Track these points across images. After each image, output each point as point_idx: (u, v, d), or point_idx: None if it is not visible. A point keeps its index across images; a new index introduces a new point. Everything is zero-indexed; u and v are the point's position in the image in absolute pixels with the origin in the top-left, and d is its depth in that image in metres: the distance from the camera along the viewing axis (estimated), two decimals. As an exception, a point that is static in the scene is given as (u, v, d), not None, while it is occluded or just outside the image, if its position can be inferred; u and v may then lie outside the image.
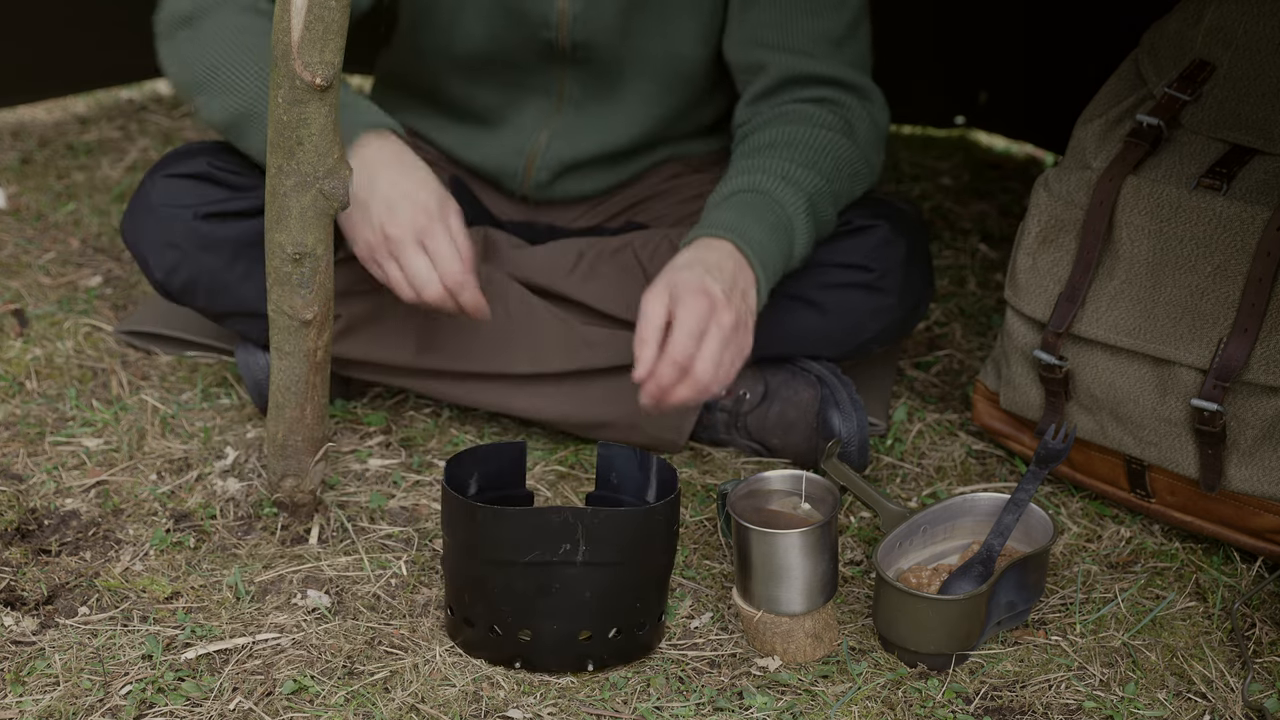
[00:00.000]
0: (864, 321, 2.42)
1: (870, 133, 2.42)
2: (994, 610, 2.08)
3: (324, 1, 1.92)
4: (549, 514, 1.97)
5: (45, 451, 2.43)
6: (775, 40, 2.42)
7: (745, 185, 2.31)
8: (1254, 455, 2.19)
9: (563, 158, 2.57)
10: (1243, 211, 2.17)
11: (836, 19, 2.42)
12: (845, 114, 2.40)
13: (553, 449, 2.48)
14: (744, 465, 2.48)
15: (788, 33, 2.42)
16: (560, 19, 2.42)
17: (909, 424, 2.58)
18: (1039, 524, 2.16)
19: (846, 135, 2.38)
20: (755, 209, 2.27)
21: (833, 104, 2.41)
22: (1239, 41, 2.28)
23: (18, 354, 2.65)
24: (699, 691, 2.02)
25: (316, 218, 2.05)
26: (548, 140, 2.56)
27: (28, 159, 3.36)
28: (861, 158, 2.40)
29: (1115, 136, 2.30)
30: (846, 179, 2.38)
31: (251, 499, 2.34)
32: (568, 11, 2.41)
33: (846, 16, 2.43)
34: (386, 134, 2.25)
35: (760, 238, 2.24)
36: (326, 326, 2.14)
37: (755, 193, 2.29)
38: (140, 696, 1.97)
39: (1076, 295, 2.27)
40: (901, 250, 2.41)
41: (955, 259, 3.09)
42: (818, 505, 2.12)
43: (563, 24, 2.42)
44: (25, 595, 2.14)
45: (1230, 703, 2.03)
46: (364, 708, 1.97)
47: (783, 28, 2.42)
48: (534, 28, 2.43)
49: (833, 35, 2.42)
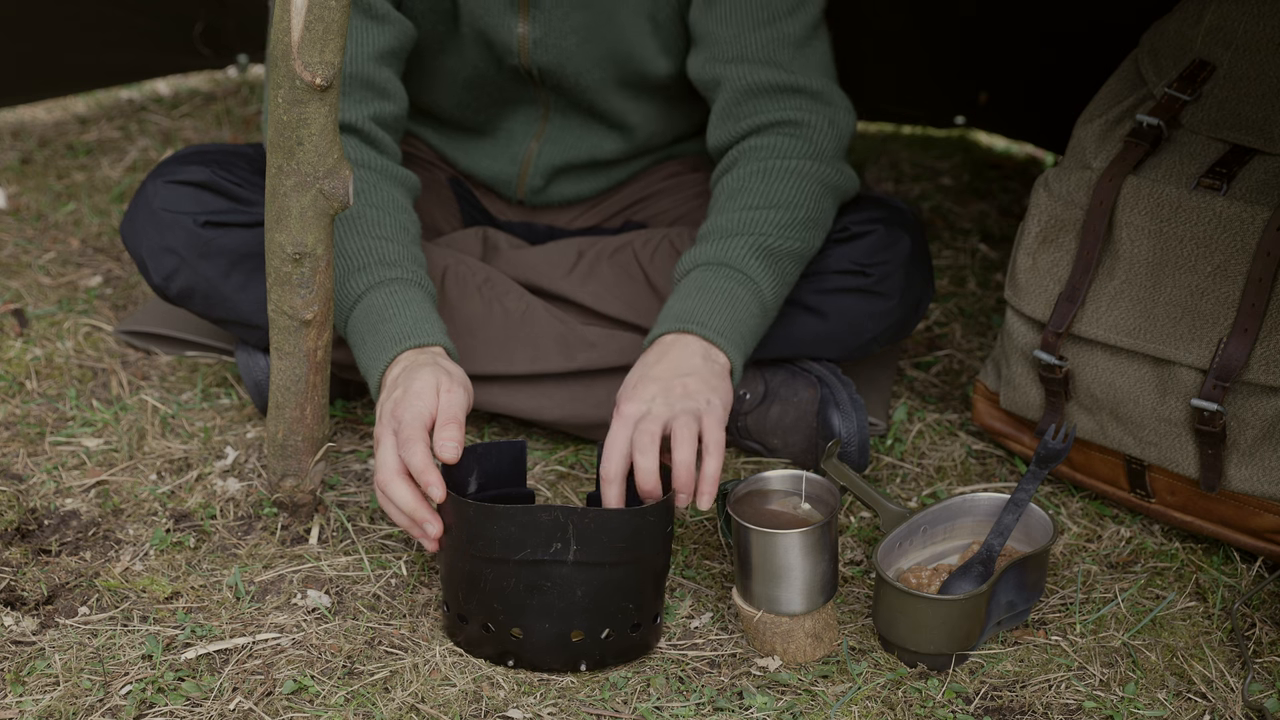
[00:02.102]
0: (865, 324, 2.42)
1: (834, 144, 2.38)
2: (994, 610, 2.09)
3: (324, 1, 1.92)
4: (539, 512, 1.97)
5: (45, 451, 2.43)
6: (731, 54, 2.39)
7: (707, 257, 2.27)
8: (1254, 455, 2.19)
9: (554, 163, 2.58)
10: (1243, 211, 2.17)
11: (791, 25, 2.38)
12: (808, 134, 2.37)
13: (553, 449, 2.48)
14: (744, 465, 2.48)
15: (743, 45, 2.38)
16: (521, 45, 2.43)
17: (909, 424, 2.58)
18: (1039, 524, 2.16)
19: (813, 159, 2.36)
20: (716, 285, 2.24)
21: (794, 125, 2.37)
22: (1239, 41, 2.28)
23: (18, 354, 2.65)
24: (699, 691, 2.02)
25: (316, 218, 2.05)
26: (539, 148, 2.57)
27: (28, 159, 3.36)
28: (833, 171, 2.38)
29: (1115, 136, 2.30)
30: (816, 199, 2.34)
31: (251, 499, 2.34)
32: (527, 37, 2.42)
33: (802, 21, 2.39)
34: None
35: (723, 319, 2.21)
36: (326, 326, 2.14)
37: (716, 266, 2.26)
38: (140, 696, 1.97)
39: (1076, 295, 2.27)
40: (901, 251, 2.41)
41: (955, 259, 3.09)
42: (818, 505, 2.12)
43: (523, 50, 2.43)
44: (25, 595, 2.14)
45: (1230, 703, 2.03)
46: (364, 708, 1.97)
47: (738, 41, 2.39)
48: (501, 53, 2.45)
49: (787, 42, 2.39)
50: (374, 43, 2.33)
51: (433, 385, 2.08)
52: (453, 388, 2.08)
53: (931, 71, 3.38)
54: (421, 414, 2.05)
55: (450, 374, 2.11)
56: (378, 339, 2.18)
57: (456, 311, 2.43)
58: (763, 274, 2.26)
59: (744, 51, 2.38)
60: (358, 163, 2.29)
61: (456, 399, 2.07)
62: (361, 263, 2.23)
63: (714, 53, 2.40)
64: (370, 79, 2.32)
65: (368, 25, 2.32)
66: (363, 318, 2.21)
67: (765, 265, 2.27)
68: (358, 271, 2.22)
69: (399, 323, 2.18)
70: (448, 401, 2.07)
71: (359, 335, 2.21)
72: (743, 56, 2.38)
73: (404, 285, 2.22)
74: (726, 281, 2.24)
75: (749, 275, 2.25)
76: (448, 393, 2.08)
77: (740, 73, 2.39)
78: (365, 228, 2.24)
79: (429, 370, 2.10)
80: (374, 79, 2.32)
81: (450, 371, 2.12)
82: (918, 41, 3.30)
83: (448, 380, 2.09)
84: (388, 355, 2.16)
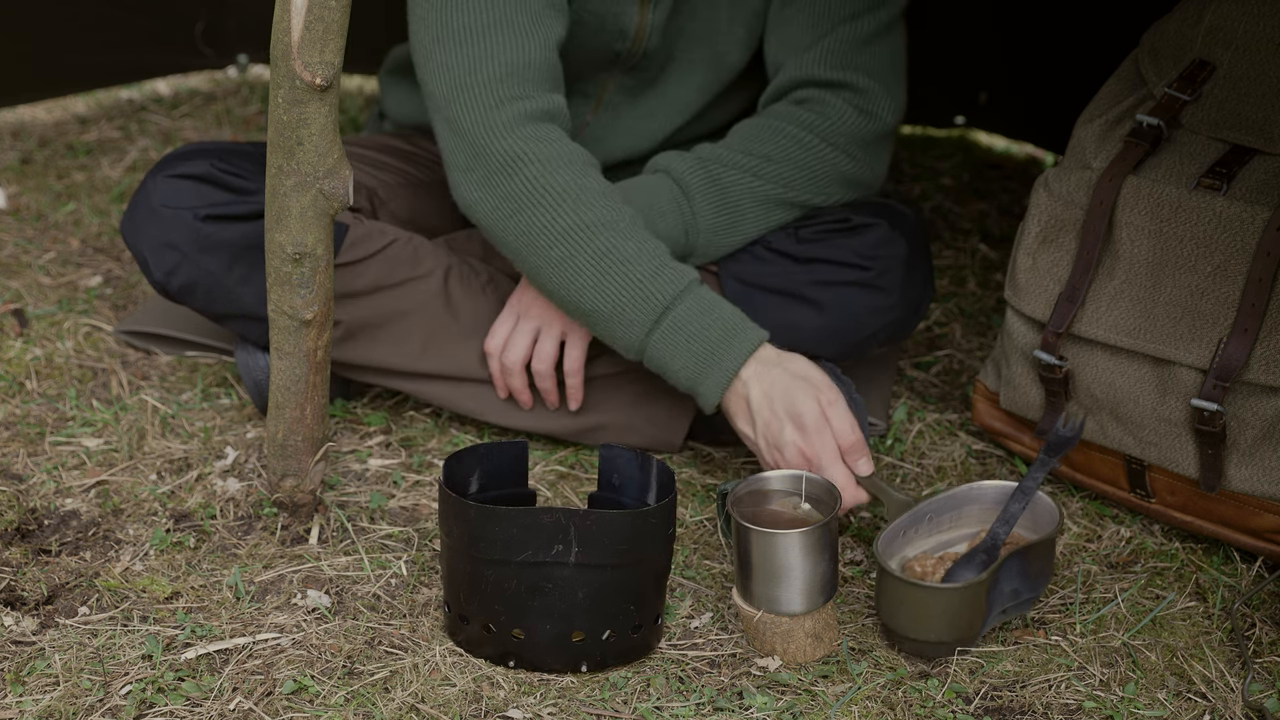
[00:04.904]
0: (863, 319, 2.42)
1: (853, 130, 2.41)
2: (997, 599, 2.08)
3: (324, 1, 1.92)
4: (540, 514, 1.97)
5: (45, 451, 2.43)
6: (802, 43, 2.43)
7: (654, 165, 2.40)
8: (1254, 455, 2.19)
9: None
10: (1243, 211, 2.17)
11: (862, 25, 2.42)
12: (826, 111, 2.40)
13: (553, 449, 2.49)
14: (744, 465, 2.48)
15: (811, 38, 2.42)
16: (638, 31, 2.41)
17: (909, 424, 2.58)
18: (1045, 512, 2.16)
19: (818, 135, 2.39)
20: (640, 184, 2.35)
21: (816, 103, 2.41)
22: (1239, 41, 2.28)
23: (18, 354, 2.65)
24: (699, 691, 2.02)
25: (316, 218, 2.05)
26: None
27: (28, 159, 3.36)
28: (842, 155, 2.40)
29: (1115, 136, 2.30)
30: (805, 168, 2.38)
31: (251, 499, 2.34)
32: (647, 24, 2.41)
33: (878, 19, 2.43)
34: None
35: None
36: (326, 326, 2.14)
37: (658, 173, 2.38)
38: (140, 696, 1.97)
39: (1076, 295, 2.27)
40: (901, 249, 2.40)
41: (955, 259, 3.09)
42: (818, 505, 2.12)
43: (640, 36, 2.42)
44: (25, 595, 2.14)
45: (1230, 703, 2.03)
46: (364, 708, 1.97)
47: (809, 32, 2.42)
48: (609, 39, 2.43)
49: (855, 39, 2.42)
50: (556, 34, 2.32)
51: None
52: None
53: (931, 71, 3.38)
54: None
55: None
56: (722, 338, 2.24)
57: (461, 311, 2.43)
58: (702, 194, 2.29)
59: (811, 42, 2.42)
60: (578, 158, 2.28)
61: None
62: (657, 264, 2.25)
63: (785, 40, 2.44)
64: (556, 74, 2.32)
65: (555, 17, 2.31)
66: (688, 319, 2.24)
67: (708, 187, 2.30)
68: (658, 273, 2.24)
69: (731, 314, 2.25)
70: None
71: (686, 338, 2.24)
72: (807, 47, 2.42)
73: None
74: (657, 186, 2.28)
75: (685, 190, 2.27)
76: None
77: (799, 62, 2.42)
78: (630, 229, 2.26)
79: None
80: (558, 73, 2.32)
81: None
82: (917, 41, 3.30)
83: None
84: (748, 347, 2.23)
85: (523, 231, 2.25)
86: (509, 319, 2.39)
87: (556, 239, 2.24)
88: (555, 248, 2.24)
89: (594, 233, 2.23)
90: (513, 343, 2.38)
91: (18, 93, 3.42)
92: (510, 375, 2.39)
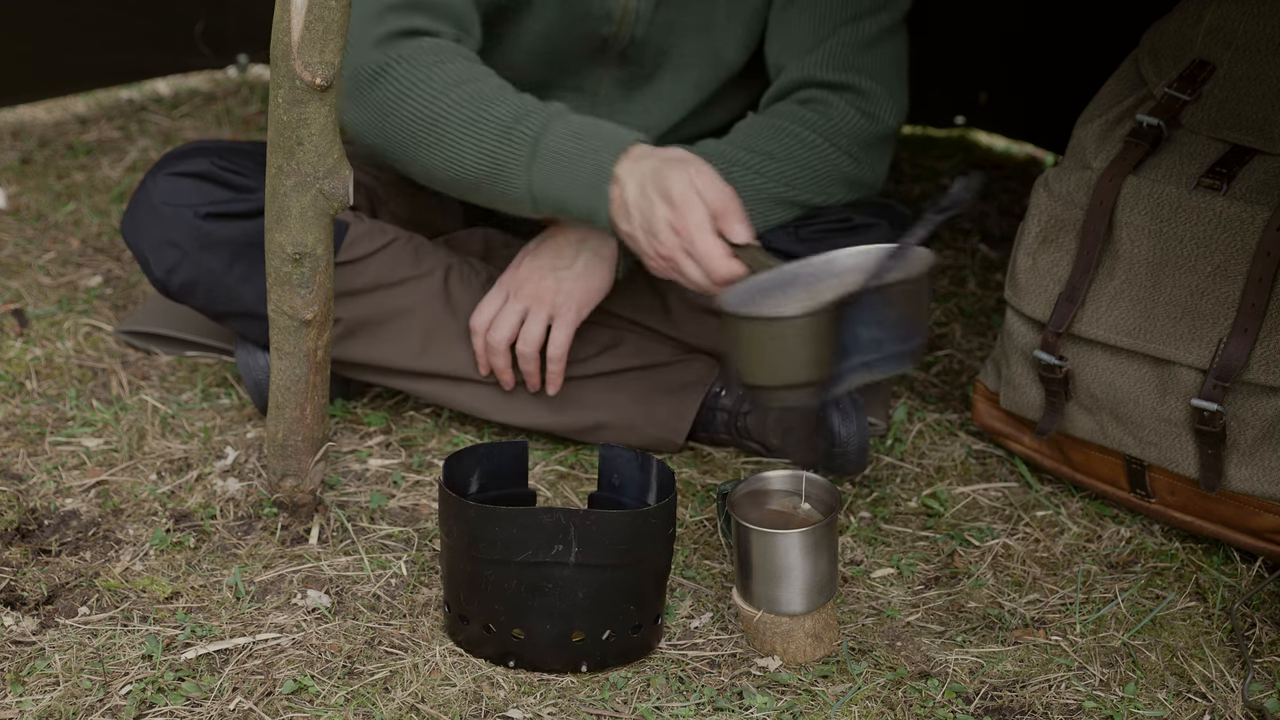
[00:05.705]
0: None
1: (855, 130, 2.41)
2: (854, 344, 1.93)
3: (324, 1, 1.92)
4: (540, 514, 1.97)
5: (45, 451, 2.43)
6: (804, 45, 2.43)
7: None
8: (1254, 455, 2.19)
9: None
10: (1243, 211, 2.17)
11: (865, 26, 2.42)
12: (828, 111, 2.40)
13: (553, 449, 2.48)
14: (744, 465, 2.48)
15: (813, 39, 2.42)
16: (622, 15, 2.41)
17: (909, 424, 2.58)
18: (916, 259, 1.98)
19: (819, 133, 2.39)
20: None
21: (818, 104, 2.41)
22: (1239, 41, 2.28)
23: (18, 354, 2.65)
24: (699, 691, 2.02)
25: (316, 218, 2.05)
26: None
27: (28, 159, 3.36)
28: (842, 155, 2.40)
29: (1115, 136, 2.30)
30: (807, 166, 2.38)
31: (251, 499, 2.34)
32: (631, 8, 2.40)
33: (880, 22, 2.43)
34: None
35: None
36: (326, 326, 2.14)
37: None
38: (140, 696, 1.97)
39: (1076, 295, 2.27)
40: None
41: (955, 259, 3.09)
42: (818, 505, 2.12)
43: (624, 19, 2.41)
44: (25, 595, 2.14)
45: (1230, 703, 2.03)
46: (364, 708, 1.97)
47: (811, 34, 2.42)
48: (594, 23, 2.42)
49: (857, 41, 2.42)
50: None
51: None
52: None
53: (931, 71, 3.38)
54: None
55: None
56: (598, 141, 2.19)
57: (461, 311, 2.43)
58: None
59: (813, 44, 2.42)
60: (447, 50, 2.24)
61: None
62: (519, 103, 2.21)
63: (787, 41, 2.44)
64: (460, 14, 2.29)
65: None
66: (561, 142, 2.19)
67: None
68: (524, 116, 2.20)
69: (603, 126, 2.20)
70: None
71: (561, 154, 2.19)
72: (810, 48, 2.42)
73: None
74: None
75: None
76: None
77: (801, 64, 2.42)
78: (487, 76, 2.23)
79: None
80: (462, 15, 2.30)
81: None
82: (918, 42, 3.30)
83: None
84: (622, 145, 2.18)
85: (398, 128, 2.23)
86: (498, 297, 2.39)
87: (427, 123, 2.21)
88: (428, 131, 2.21)
89: (455, 87, 2.22)
90: (499, 321, 2.38)
91: (18, 93, 3.42)
92: (494, 354, 2.39)
